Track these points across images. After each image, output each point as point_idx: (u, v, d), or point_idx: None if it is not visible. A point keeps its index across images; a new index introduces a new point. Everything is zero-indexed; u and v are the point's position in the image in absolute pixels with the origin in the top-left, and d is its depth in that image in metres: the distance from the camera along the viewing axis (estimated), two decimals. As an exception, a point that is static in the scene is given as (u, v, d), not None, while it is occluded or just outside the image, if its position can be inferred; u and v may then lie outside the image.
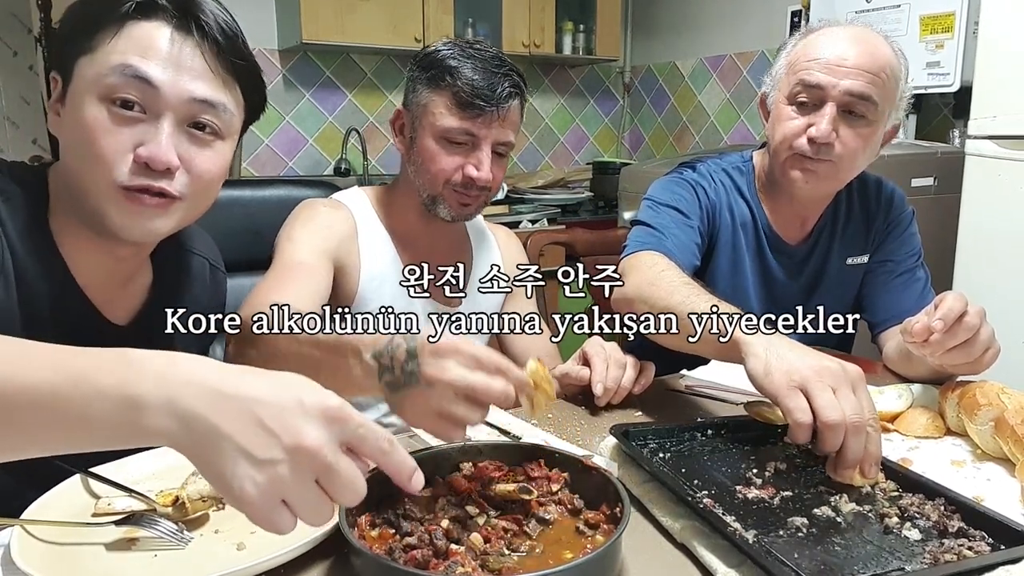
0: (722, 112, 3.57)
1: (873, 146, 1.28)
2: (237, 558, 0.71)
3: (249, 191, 1.70)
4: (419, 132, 1.23)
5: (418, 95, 1.23)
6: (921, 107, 2.73)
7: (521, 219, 3.14)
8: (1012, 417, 0.89)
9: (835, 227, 1.41)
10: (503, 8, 3.33)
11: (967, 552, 0.67)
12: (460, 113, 1.18)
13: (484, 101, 1.17)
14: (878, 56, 1.22)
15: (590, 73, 4.00)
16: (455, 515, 0.71)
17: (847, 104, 1.21)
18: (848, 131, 1.23)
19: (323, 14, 2.91)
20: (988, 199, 1.98)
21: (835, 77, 1.21)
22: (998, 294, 1.91)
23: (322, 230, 1.21)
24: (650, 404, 1.12)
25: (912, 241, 1.42)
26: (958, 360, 1.02)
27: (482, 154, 1.21)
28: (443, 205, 1.25)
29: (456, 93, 1.18)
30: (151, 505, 0.77)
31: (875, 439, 0.79)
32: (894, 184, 1.47)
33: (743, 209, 1.38)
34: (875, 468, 0.79)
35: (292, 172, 3.28)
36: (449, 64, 1.18)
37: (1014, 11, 1.89)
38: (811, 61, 1.23)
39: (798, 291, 1.41)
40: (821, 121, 1.21)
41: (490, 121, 1.19)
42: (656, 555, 0.73)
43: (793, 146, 1.25)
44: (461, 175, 1.21)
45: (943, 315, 0.97)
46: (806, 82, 1.23)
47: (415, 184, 1.26)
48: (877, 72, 1.21)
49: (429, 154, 1.21)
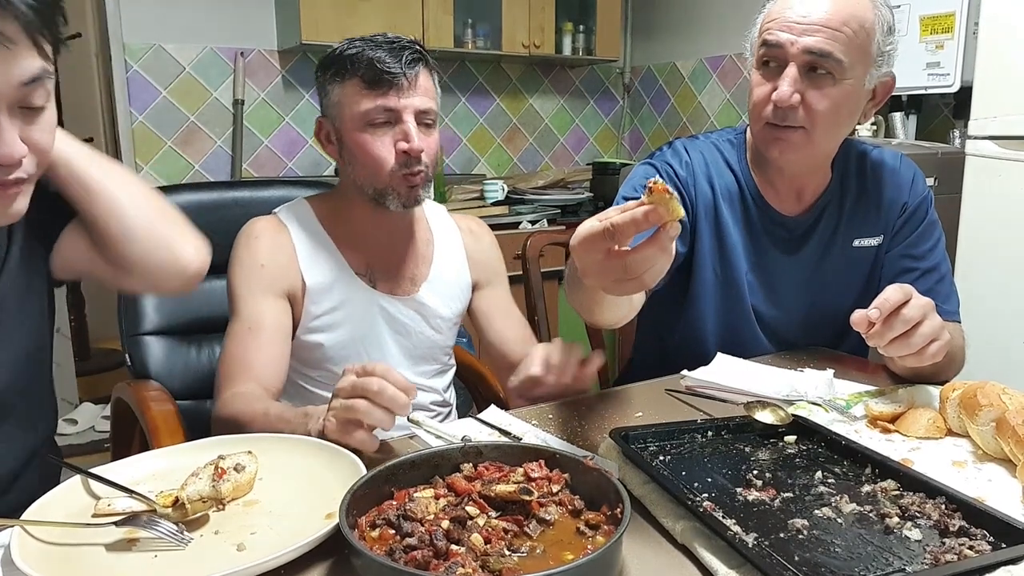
0: (722, 113, 3.57)
1: (850, 105, 1.20)
2: (237, 558, 0.71)
3: (248, 191, 1.70)
4: (343, 130, 1.24)
5: (329, 96, 1.24)
6: (921, 107, 2.73)
7: (521, 220, 3.14)
8: (1013, 417, 0.89)
9: (842, 203, 1.33)
10: (503, 8, 3.33)
11: (968, 552, 0.67)
12: (372, 92, 1.20)
13: (390, 73, 1.19)
14: (842, 8, 1.15)
15: (590, 74, 4.00)
16: (455, 516, 0.71)
17: (809, 63, 1.15)
18: (815, 92, 1.16)
19: (323, 15, 2.91)
20: (988, 199, 1.98)
21: (793, 34, 1.15)
22: (998, 294, 1.91)
23: (259, 272, 1.24)
24: (650, 404, 1.12)
25: (933, 231, 1.35)
26: (901, 352, 1.02)
27: (407, 126, 1.21)
28: (391, 196, 1.25)
29: (362, 76, 1.19)
30: (151, 506, 0.77)
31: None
32: (915, 166, 1.39)
33: (727, 180, 1.33)
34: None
35: (292, 172, 3.28)
36: (348, 55, 1.21)
37: (1014, 11, 1.89)
38: (773, 20, 1.19)
39: (798, 269, 1.35)
40: (782, 83, 1.16)
41: (401, 91, 1.20)
42: (657, 556, 0.73)
43: (763, 115, 1.20)
44: (394, 155, 1.22)
45: (878, 305, 0.98)
46: (767, 42, 1.18)
47: (358, 184, 1.27)
48: (839, 26, 1.14)
49: (360, 146, 1.22)
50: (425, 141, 1.23)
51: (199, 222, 1.61)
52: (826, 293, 1.35)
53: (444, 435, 0.99)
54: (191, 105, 3.04)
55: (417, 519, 0.70)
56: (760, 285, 1.34)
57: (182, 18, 2.95)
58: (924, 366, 1.07)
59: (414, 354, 1.38)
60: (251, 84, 3.12)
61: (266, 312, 1.23)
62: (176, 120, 3.02)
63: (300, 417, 0.99)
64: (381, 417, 0.87)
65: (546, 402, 1.11)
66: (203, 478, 0.79)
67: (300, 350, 1.29)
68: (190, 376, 1.56)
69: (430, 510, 0.72)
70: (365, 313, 1.31)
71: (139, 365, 1.52)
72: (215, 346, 1.59)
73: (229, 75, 3.07)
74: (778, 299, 1.35)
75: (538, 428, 1.03)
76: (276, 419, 1.02)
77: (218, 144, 3.12)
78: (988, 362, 1.41)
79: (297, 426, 0.98)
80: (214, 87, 3.06)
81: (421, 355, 1.39)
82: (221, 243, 1.61)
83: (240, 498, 0.82)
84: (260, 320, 1.22)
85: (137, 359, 1.52)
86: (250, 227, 1.29)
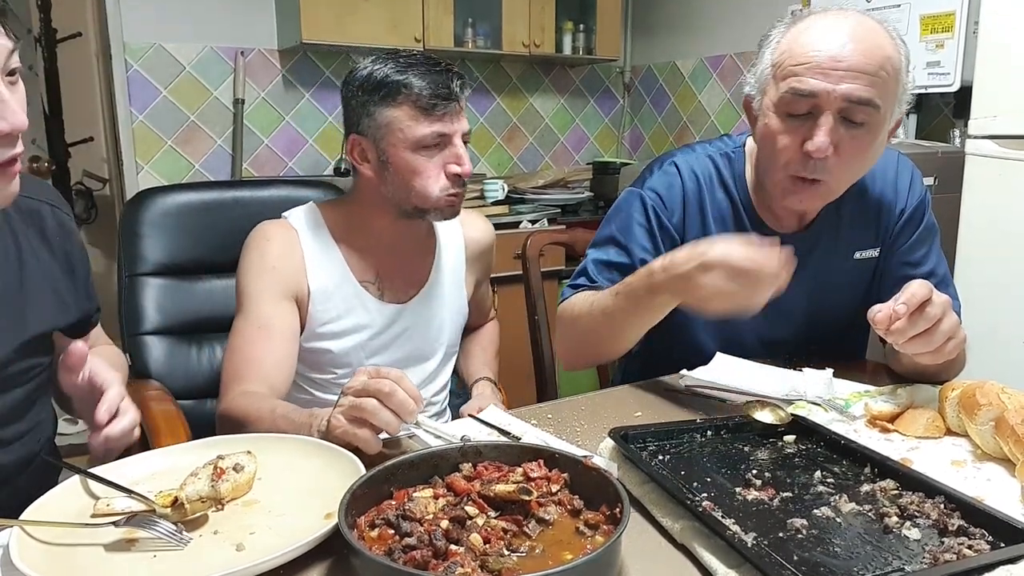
0: (722, 112, 3.57)
1: (877, 149, 1.15)
2: (236, 558, 0.71)
3: (249, 191, 1.70)
4: (389, 152, 1.24)
5: (374, 118, 1.23)
6: (921, 107, 2.72)
7: (521, 219, 3.14)
8: (1012, 417, 0.89)
9: (840, 214, 1.28)
10: (503, 8, 3.32)
11: (967, 551, 0.67)
12: (427, 118, 1.21)
13: (444, 99, 1.21)
14: (877, 51, 1.07)
15: (590, 73, 3.99)
16: (455, 516, 0.71)
17: (845, 111, 1.08)
18: (849, 142, 1.09)
19: (323, 14, 2.91)
20: (988, 199, 1.98)
21: (830, 83, 1.06)
22: (999, 294, 1.91)
23: (272, 273, 1.25)
24: (650, 404, 1.12)
25: (930, 234, 1.32)
26: (920, 349, 1.02)
27: (458, 149, 1.25)
28: (434, 211, 1.28)
29: (415, 102, 1.20)
30: (150, 506, 0.77)
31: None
32: (912, 166, 1.33)
33: (720, 202, 1.28)
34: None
35: (292, 172, 3.28)
36: (396, 79, 1.21)
37: (1014, 11, 1.89)
38: (800, 65, 1.08)
39: (798, 288, 1.28)
40: (818, 134, 1.08)
41: (454, 116, 1.24)
42: (656, 556, 0.73)
43: (786, 165, 1.13)
44: (444, 176, 1.25)
45: (906, 300, 0.97)
46: (797, 90, 1.08)
47: (395, 199, 1.27)
48: (876, 71, 1.06)
49: (410, 168, 1.23)
50: (468, 159, 1.27)
51: (199, 222, 1.63)
52: (827, 307, 1.33)
53: (443, 435, 1.00)
54: (191, 104, 3.04)
55: (416, 519, 0.70)
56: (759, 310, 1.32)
57: (182, 17, 2.95)
58: (930, 365, 1.07)
59: (419, 354, 1.39)
60: (251, 83, 3.12)
61: (276, 313, 1.24)
62: (176, 119, 3.02)
63: (306, 418, 0.99)
64: (388, 419, 0.87)
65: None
66: (202, 478, 0.79)
67: (306, 355, 1.30)
68: (190, 376, 1.56)
69: (429, 510, 0.72)
70: (370, 321, 1.32)
71: (139, 365, 1.53)
72: (215, 346, 1.59)
73: (229, 74, 3.07)
74: (778, 319, 1.30)
75: (537, 428, 1.03)
76: (282, 418, 1.02)
77: (218, 143, 3.12)
78: (988, 362, 1.40)
79: (302, 426, 0.98)
80: (214, 86, 3.06)
81: (426, 355, 1.40)
82: (221, 242, 1.61)
83: (239, 498, 0.82)
84: (270, 321, 1.22)
85: (137, 359, 1.53)
86: (262, 229, 1.30)
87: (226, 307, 1.31)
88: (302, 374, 1.32)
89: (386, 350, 1.35)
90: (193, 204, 1.61)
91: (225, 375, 1.20)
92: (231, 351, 1.22)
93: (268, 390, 1.15)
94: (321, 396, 1.34)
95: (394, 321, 1.34)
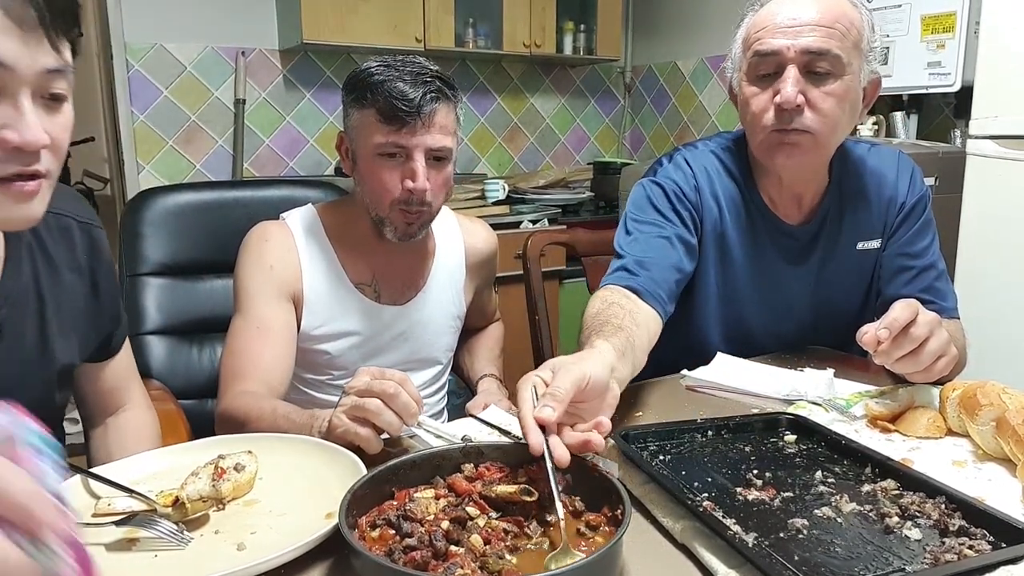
0: (723, 112, 3.57)
1: (852, 101, 1.19)
2: (237, 558, 0.71)
3: (250, 191, 1.70)
4: (358, 154, 1.25)
5: (351, 117, 1.24)
6: (922, 107, 2.72)
7: (522, 219, 3.14)
8: (1013, 417, 0.89)
9: (842, 206, 1.32)
10: (503, 8, 3.32)
11: (968, 551, 0.67)
12: (385, 127, 1.18)
13: (405, 111, 1.17)
14: (834, 7, 1.16)
15: (591, 73, 3.99)
16: (455, 516, 0.71)
17: (808, 63, 1.15)
18: (816, 92, 1.16)
19: (324, 14, 2.91)
20: (989, 199, 1.98)
21: (789, 38, 1.15)
22: (999, 294, 1.91)
23: (268, 272, 1.25)
24: (650, 404, 1.12)
25: (929, 229, 1.34)
26: (909, 368, 1.04)
27: (415, 164, 1.19)
28: (389, 227, 1.26)
29: (379, 108, 1.18)
30: (151, 505, 0.77)
31: None
32: (913, 164, 1.37)
33: (731, 190, 1.31)
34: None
35: (293, 172, 3.28)
36: (372, 81, 1.19)
37: (1015, 11, 1.89)
38: (761, 30, 1.18)
39: (804, 278, 1.33)
40: (784, 85, 1.15)
41: (414, 130, 1.18)
42: (657, 556, 0.73)
43: (765, 123, 1.19)
44: (399, 189, 1.21)
45: (887, 324, 0.98)
46: (761, 51, 1.17)
47: (365, 204, 1.27)
48: (832, 24, 1.14)
49: (370, 174, 1.23)
50: (433, 179, 1.21)
51: (200, 221, 1.63)
52: (832, 299, 1.34)
53: (445, 435, 1.00)
54: (192, 104, 3.04)
55: (417, 519, 0.70)
56: (765, 299, 1.33)
57: (183, 17, 2.95)
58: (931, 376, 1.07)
59: (416, 357, 1.39)
60: (252, 83, 3.12)
61: (274, 313, 1.24)
62: (177, 119, 3.03)
63: (307, 418, 0.99)
64: (391, 420, 0.88)
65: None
66: (203, 478, 0.79)
67: (302, 356, 1.30)
68: (191, 375, 1.56)
69: (430, 510, 0.72)
70: (364, 324, 1.32)
71: (140, 365, 1.52)
72: (216, 346, 1.59)
73: (230, 74, 3.07)
74: (783, 311, 1.34)
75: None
76: (283, 418, 1.02)
77: (219, 144, 3.12)
78: (988, 362, 1.40)
79: (303, 427, 0.98)
80: (215, 86, 3.07)
81: (422, 358, 1.40)
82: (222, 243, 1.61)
83: (240, 498, 0.82)
84: (269, 320, 1.23)
85: (138, 358, 1.52)
86: (260, 230, 1.30)
87: (227, 307, 1.31)
88: (299, 375, 1.32)
89: (382, 352, 1.35)
90: (194, 204, 1.61)
91: (223, 375, 1.20)
92: (229, 351, 1.22)
93: (266, 390, 1.15)
94: (319, 397, 1.34)
95: (391, 323, 1.34)
